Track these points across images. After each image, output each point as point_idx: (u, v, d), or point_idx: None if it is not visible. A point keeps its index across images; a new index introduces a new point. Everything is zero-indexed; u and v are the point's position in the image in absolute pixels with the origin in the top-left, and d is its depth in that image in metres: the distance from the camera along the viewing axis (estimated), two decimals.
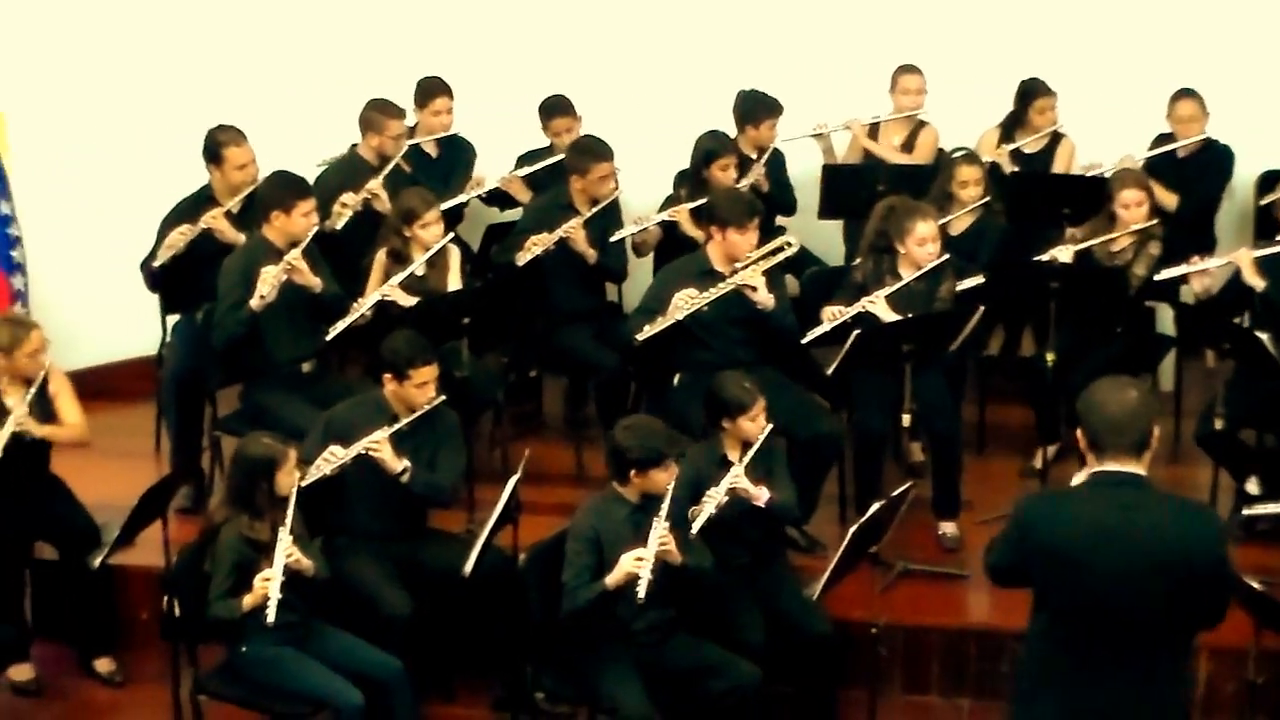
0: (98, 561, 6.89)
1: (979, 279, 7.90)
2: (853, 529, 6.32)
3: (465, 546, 6.76)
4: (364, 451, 6.85)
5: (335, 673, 6.44)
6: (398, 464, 6.89)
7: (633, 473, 6.42)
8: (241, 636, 6.50)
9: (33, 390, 7.18)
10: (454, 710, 7.16)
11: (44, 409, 7.27)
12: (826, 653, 6.81)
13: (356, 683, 6.42)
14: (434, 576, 6.96)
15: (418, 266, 7.87)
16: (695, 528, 6.50)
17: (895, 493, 6.47)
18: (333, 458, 6.84)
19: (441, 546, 7.11)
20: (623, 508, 6.49)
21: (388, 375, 6.98)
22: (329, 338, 7.77)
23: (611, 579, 6.30)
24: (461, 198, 8.95)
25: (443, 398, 7.00)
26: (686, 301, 7.58)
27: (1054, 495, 5.18)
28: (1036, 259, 7.94)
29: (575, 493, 7.74)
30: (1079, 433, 5.06)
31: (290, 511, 6.44)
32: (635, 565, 6.25)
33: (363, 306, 7.73)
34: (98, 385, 8.93)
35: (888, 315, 7.51)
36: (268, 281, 7.56)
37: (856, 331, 7.38)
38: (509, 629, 6.77)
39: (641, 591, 6.19)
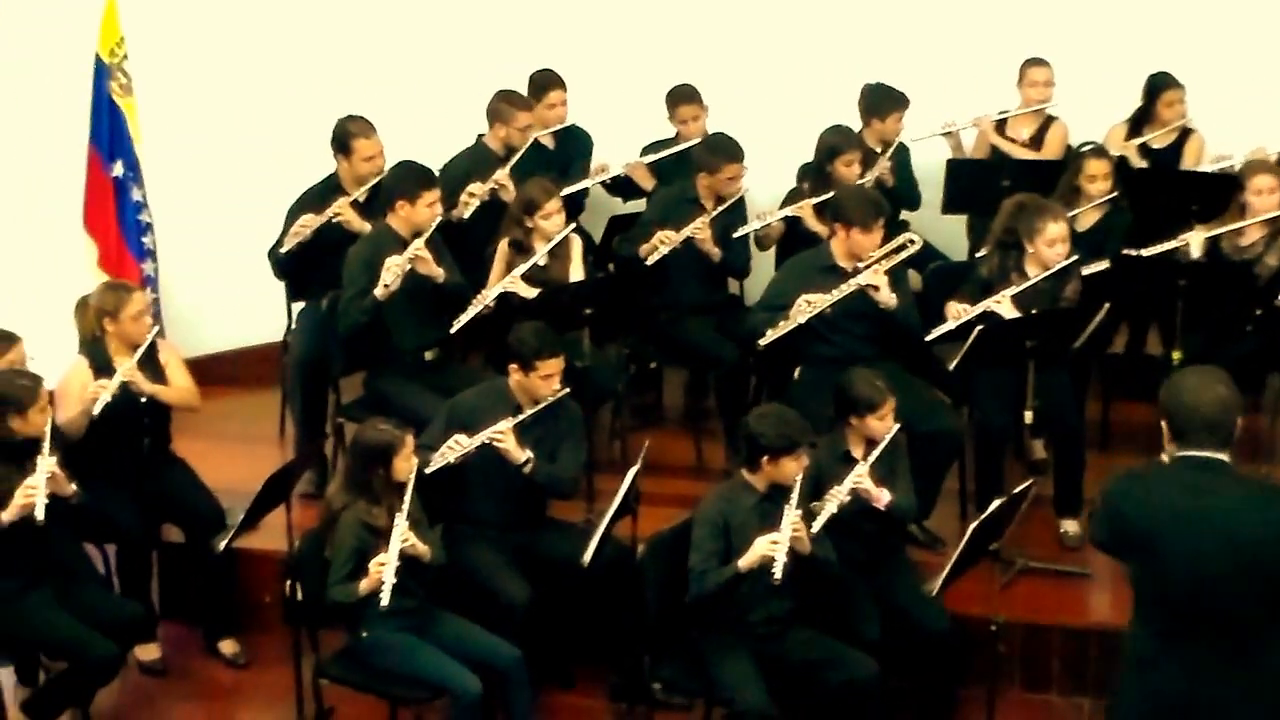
0: (222, 545, 6.97)
1: (1104, 264, 7.80)
2: (973, 525, 6.28)
3: (584, 536, 6.77)
4: (488, 441, 6.89)
5: (454, 659, 6.48)
6: (521, 455, 6.92)
7: (764, 460, 6.41)
8: (362, 622, 6.55)
9: (140, 351, 7.29)
10: (571, 699, 7.19)
11: (155, 374, 7.39)
12: (945, 649, 6.77)
13: (475, 670, 6.45)
14: (553, 566, 6.98)
15: (540, 257, 7.89)
16: (817, 525, 6.48)
17: (1016, 490, 6.42)
18: (457, 446, 6.88)
19: (561, 536, 7.13)
20: (751, 496, 6.48)
21: (514, 365, 7.00)
22: (453, 330, 7.81)
23: (744, 561, 6.30)
24: (585, 183, 8.97)
25: (566, 390, 7.01)
26: (810, 304, 7.56)
27: (1137, 474, 5.18)
28: (1165, 246, 7.83)
29: (694, 485, 7.74)
30: (1163, 423, 5.02)
31: (408, 497, 6.48)
32: (770, 548, 6.25)
33: (485, 298, 7.75)
34: (224, 371, 9.06)
35: (1012, 314, 7.43)
36: (392, 271, 7.61)
37: (980, 328, 7.32)
38: (627, 619, 6.77)
39: (778, 573, 6.19)
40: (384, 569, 6.35)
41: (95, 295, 7.47)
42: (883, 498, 6.66)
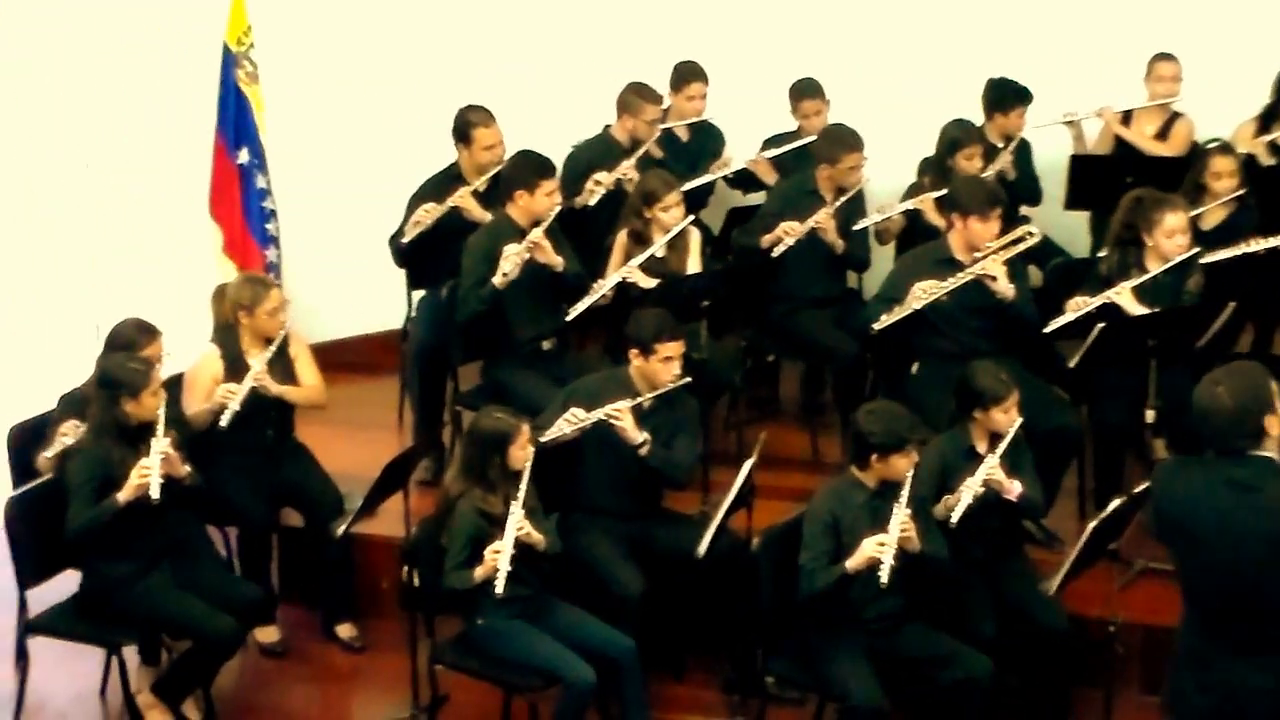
0: (341, 530, 7.02)
1: (1226, 252, 7.67)
2: (1092, 524, 6.21)
3: (699, 528, 6.77)
4: (605, 418, 6.89)
5: (568, 648, 6.50)
6: (638, 435, 6.91)
7: (874, 457, 6.38)
8: (477, 609, 6.58)
9: (272, 348, 7.36)
10: (683, 690, 7.19)
11: (284, 369, 7.47)
12: (1062, 649, 6.69)
13: (588, 659, 6.47)
14: (667, 556, 6.98)
15: (657, 248, 7.89)
16: (955, 516, 6.45)
17: (1137, 489, 6.33)
18: (574, 419, 6.89)
19: (675, 527, 7.13)
20: (861, 493, 6.46)
21: (634, 350, 7.01)
22: (570, 318, 7.82)
23: (852, 563, 6.28)
24: (707, 178, 8.95)
25: (688, 379, 7.00)
26: (925, 291, 7.51)
27: (1180, 463, 5.23)
28: None
29: (810, 478, 7.72)
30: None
31: (523, 486, 6.50)
32: (877, 550, 6.22)
33: (603, 287, 7.76)
34: (344, 358, 9.14)
35: (1133, 308, 7.34)
36: (510, 260, 7.64)
37: (1102, 324, 7.24)
38: (741, 612, 6.76)
39: (884, 576, 6.17)
40: (499, 557, 6.37)
41: (233, 287, 7.56)
42: (1014, 489, 6.61)
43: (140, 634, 6.94)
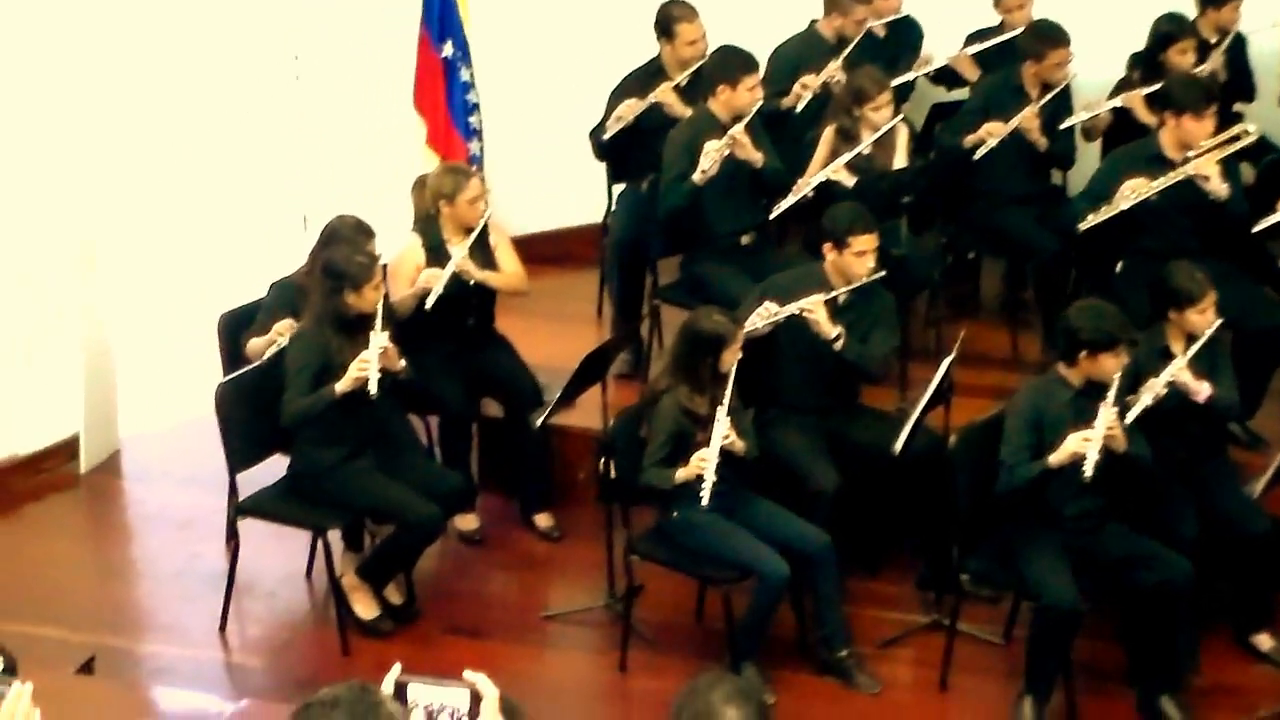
0: (539, 421, 7.07)
1: None
2: None
3: (896, 424, 6.74)
4: (799, 311, 6.86)
5: (762, 542, 6.50)
6: (832, 328, 6.87)
7: (1082, 355, 6.28)
8: (673, 502, 6.60)
9: (472, 236, 7.41)
10: (877, 586, 7.17)
11: (485, 257, 7.51)
12: (1264, 553, 6.56)
13: (782, 553, 6.47)
14: (863, 453, 6.95)
15: (865, 147, 7.78)
16: (1130, 417, 6.33)
17: None
18: (766, 313, 6.87)
19: (872, 423, 7.09)
20: (1066, 391, 6.36)
21: (828, 245, 6.95)
22: (772, 216, 7.77)
23: (1055, 458, 6.20)
24: (908, 76, 8.79)
25: (882, 273, 6.94)
26: (1134, 190, 7.34)
27: None
28: None
29: (1009, 376, 7.65)
30: None
31: (729, 390, 6.48)
32: (1082, 445, 6.14)
33: (805, 187, 7.68)
34: (545, 250, 9.17)
35: None
36: (711, 155, 7.59)
37: None
38: (937, 509, 6.72)
39: (1089, 471, 6.09)
40: (705, 465, 6.38)
41: (433, 177, 7.62)
42: (1202, 391, 6.47)
43: (345, 518, 7.07)
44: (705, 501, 6.34)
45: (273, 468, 7.14)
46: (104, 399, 8.32)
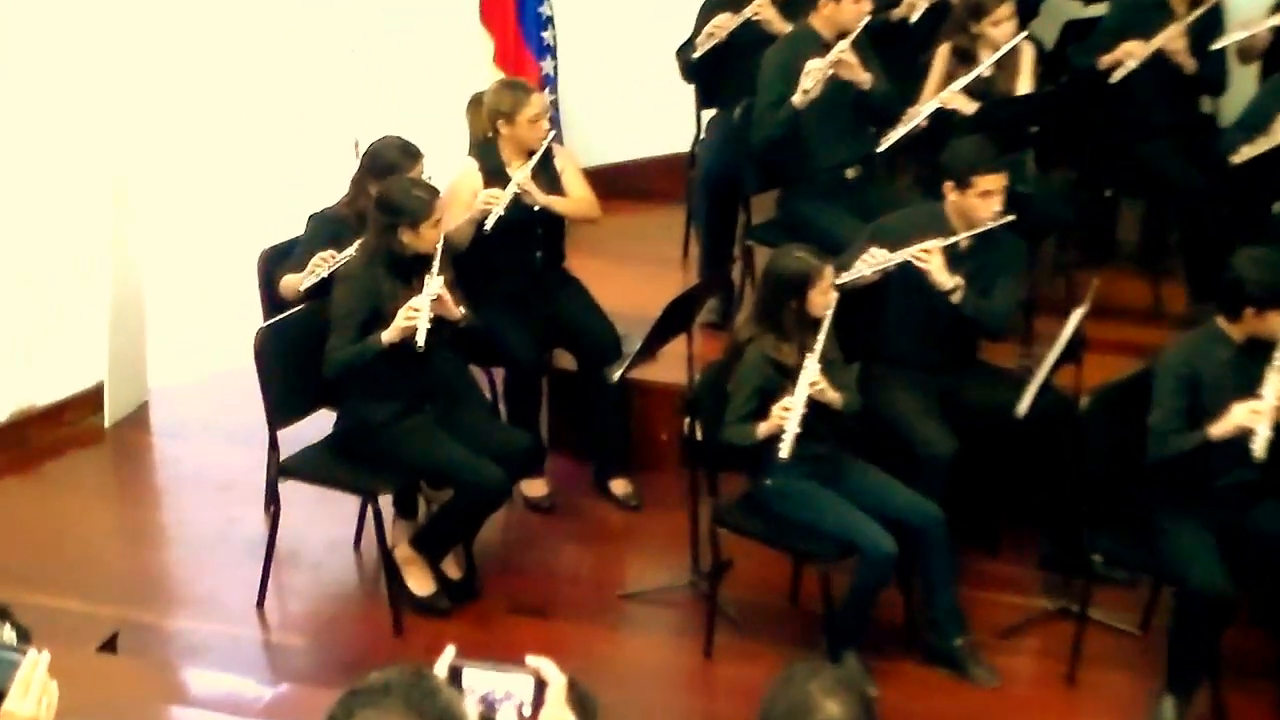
0: (617, 375, 7.06)
1: None
2: None
3: (1020, 384, 6.67)
4: (911, 259, 6.78)
5: (866, 514, 6.45)
6: (949, 279, 6.80)
7: (1249, 310, 6.16)
8: (765, 467, 6.56)
9: (534, 158, 7.38)
10: (995, 566, 7.13)
11: (550, 183, 7.48)
12: None
13: (888, 527, 6.41)
14: (982, 415, 6.89)
15: (985, 68, 7.70)
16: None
17: None
18: (873, 259, 6.80)
19: (992, 382, 7.04)
20: (1225, 348, 6.25)
21: (948, 184, 6.87)
22: (881, 149, 7.71)
23: (1218, 429, 6.09)
24: None
25: (1010, 216, 6.85)
26: None
27: None
28: None
29: (1149, 331, 7.62)
30: None
31: (821, 335, 6.42)
32: (1251, 418, 6.02)
33: (919, 114, 7.61)
34: (624, 183, 9.15)
35: None
36: (812, 75, 7.52)
37: None
38: (1065, 480, 6.66)
39: (1259, 449, 5.97)
40: (788, 415, 6.33)
41: (490, 94, 7.58)
42: None
43: (399, 481, 7.06)
44: (785, 454, 6.28)
45: (319, 423, 7.13)
46: (132, 344, 8.36)
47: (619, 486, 7.69)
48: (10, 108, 7.72)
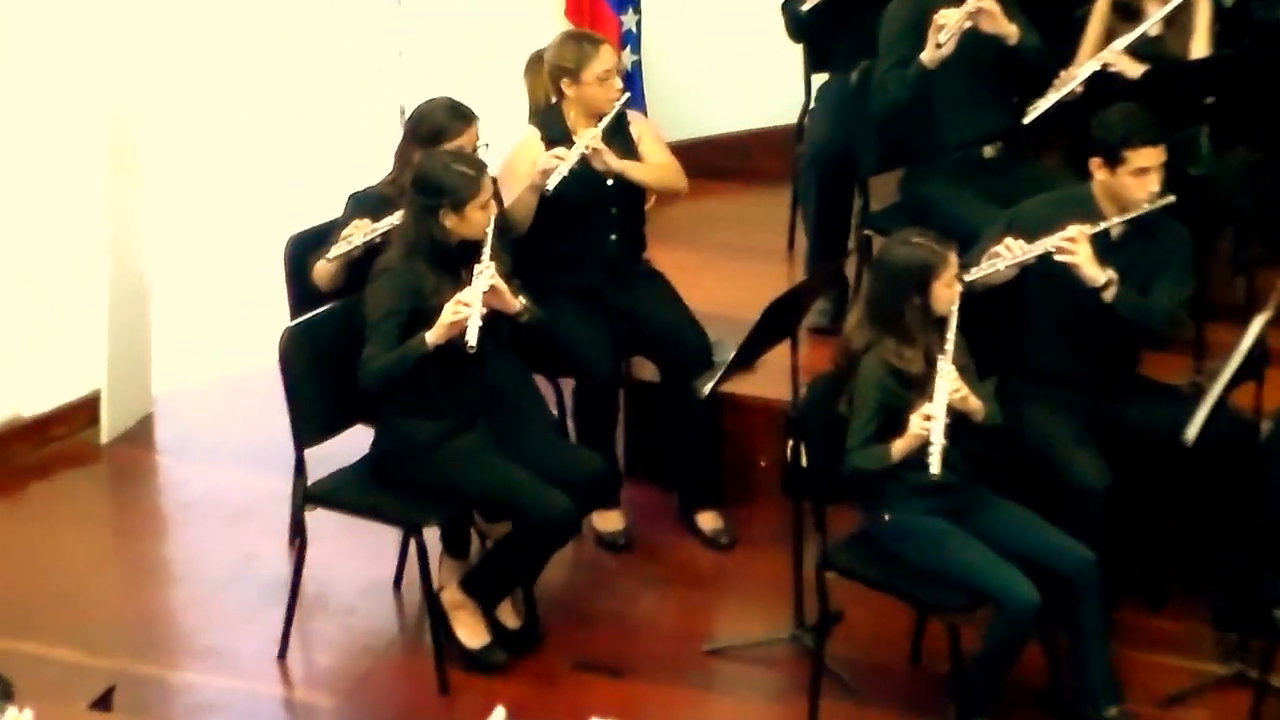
0: (708, 389, 7.05)
1: None
2: None
3: (1188, 404, 6.63)
4: (1054, 250, 6.76)
5: (1004, 558, 6.43)
6: (1099, 273, 6.76)
7: None
8: (885, 500, 6.56)
9: (606, 119, 7.40)
10: (1159, 623, 7.12)
11: (625, 149, 7.51)
12: None
13: (1030, 573, 6.38)
14: (1143, 441, 6.88)
15: (1151, 24, 7.69)
16: None
17: None
18: (1008, 252, 6.78)
19: (1154, 402, 7.01)
20: None
21: (1096, 160, 6.86)
22: (1027, 121, 7.70)
23: None
24: None
25: (1171, 198, 6.82)
26: None
27: None
28: None
29: None
30: None
31: (950, 333, 6.43)
32: None
33: (1073, 79, 7.60)
34: (717, 161, 9.18)
35: None
36: (947, 28, 7.52)
37: None
38: (1243, 519, 6.65)
39: None
40: (930, 425, 6.31)
41: (552, 50, 7.60)
42: None
43: (447, 513, 7.07)
44: (935, 470, 6.27)
45: (353, 442, 7.16)
46: (135, 346, 8.43)
47: (708, 521, 7.71)
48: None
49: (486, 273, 6.70)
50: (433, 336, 6.69)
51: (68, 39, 7.91)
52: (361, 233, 7.04)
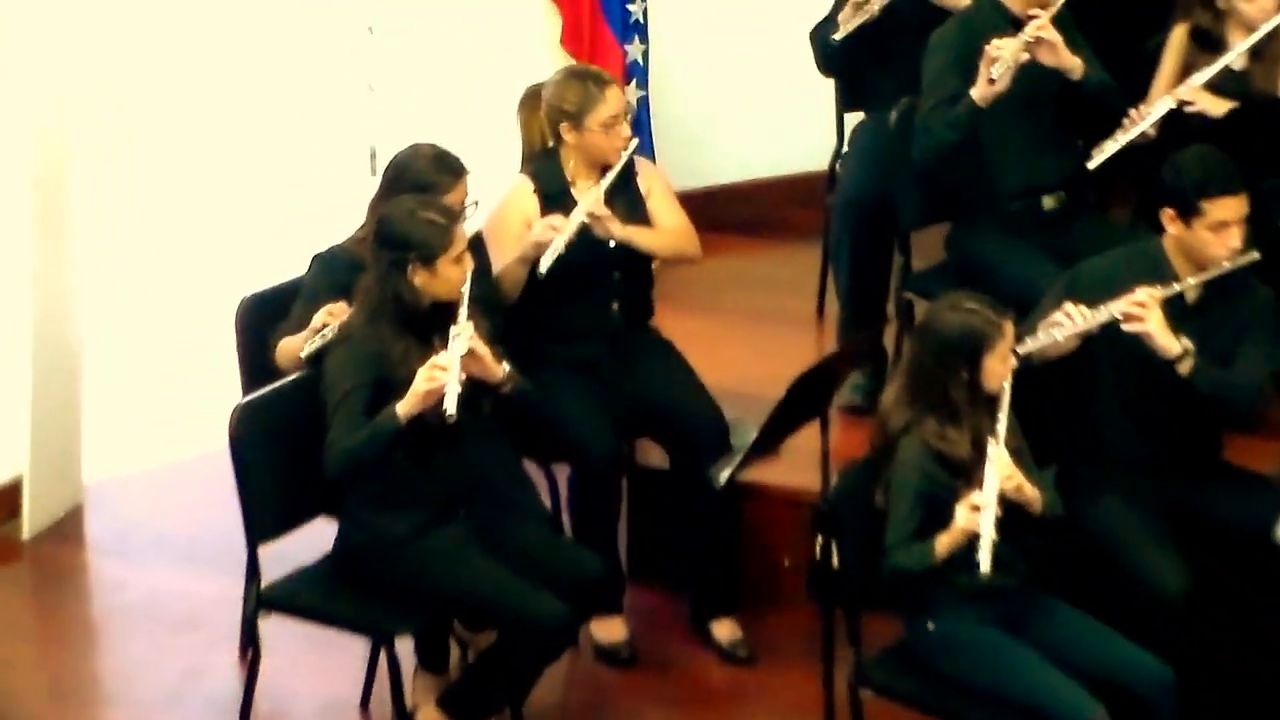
0: (724, 476, 7.06)
1: None
2: None
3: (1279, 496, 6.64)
4: (1120, 317, 6.75)
5: (1065, 672, 6.41)
6: (1173, 343, 6.76)
7: None
8: (928, 606, 6.56)
9: (610, 176, 7.42)
10: None
11: (630, 208, 7.52)
12: None
13: (1095, 689, 6.37)
14: (1226, 538, 6.90)
15: (1234, 56, 7.70)
16: None
17: None
18: (1069, 321, 6.77)
19: (1239, 493, 7.02)
20: None
21: (1169, 212, 6.87)
22: (1092, 166, 7.72)
23: None
24: None
25: (1255, 255, 6.83)
26: None
27: None
28: None
29: None
30: None
31: (1003, 414, 6.43)
32: None
33: (1145, 119, 7.61)
34: (739, 213, 9.19)
35: None
36: (1003, 61, 7.53)
37: None
38: None
39: None
40: (978, 517, 6.30)
41: (552, 89, 7.61)
42: None
43: (423, 620, 7.09)
44: (985, 569, 6.26)
45: (314, 539, 7.16)
46: (62, 426, 8.44)
47: (723, 629, 7.70)
48: None
49: (464, 334, 6.70)
50: (404, 407, 6.67)
51: None
52: (337, 321, 7.02)
